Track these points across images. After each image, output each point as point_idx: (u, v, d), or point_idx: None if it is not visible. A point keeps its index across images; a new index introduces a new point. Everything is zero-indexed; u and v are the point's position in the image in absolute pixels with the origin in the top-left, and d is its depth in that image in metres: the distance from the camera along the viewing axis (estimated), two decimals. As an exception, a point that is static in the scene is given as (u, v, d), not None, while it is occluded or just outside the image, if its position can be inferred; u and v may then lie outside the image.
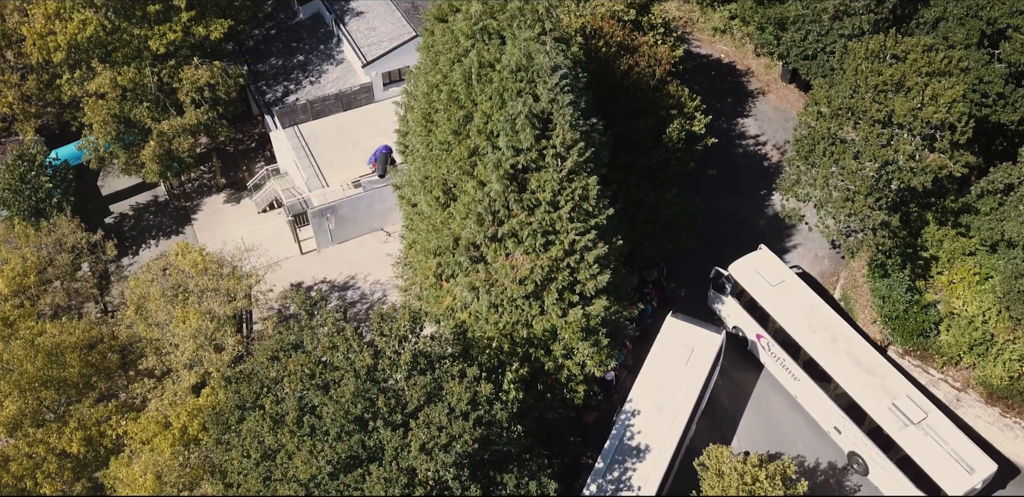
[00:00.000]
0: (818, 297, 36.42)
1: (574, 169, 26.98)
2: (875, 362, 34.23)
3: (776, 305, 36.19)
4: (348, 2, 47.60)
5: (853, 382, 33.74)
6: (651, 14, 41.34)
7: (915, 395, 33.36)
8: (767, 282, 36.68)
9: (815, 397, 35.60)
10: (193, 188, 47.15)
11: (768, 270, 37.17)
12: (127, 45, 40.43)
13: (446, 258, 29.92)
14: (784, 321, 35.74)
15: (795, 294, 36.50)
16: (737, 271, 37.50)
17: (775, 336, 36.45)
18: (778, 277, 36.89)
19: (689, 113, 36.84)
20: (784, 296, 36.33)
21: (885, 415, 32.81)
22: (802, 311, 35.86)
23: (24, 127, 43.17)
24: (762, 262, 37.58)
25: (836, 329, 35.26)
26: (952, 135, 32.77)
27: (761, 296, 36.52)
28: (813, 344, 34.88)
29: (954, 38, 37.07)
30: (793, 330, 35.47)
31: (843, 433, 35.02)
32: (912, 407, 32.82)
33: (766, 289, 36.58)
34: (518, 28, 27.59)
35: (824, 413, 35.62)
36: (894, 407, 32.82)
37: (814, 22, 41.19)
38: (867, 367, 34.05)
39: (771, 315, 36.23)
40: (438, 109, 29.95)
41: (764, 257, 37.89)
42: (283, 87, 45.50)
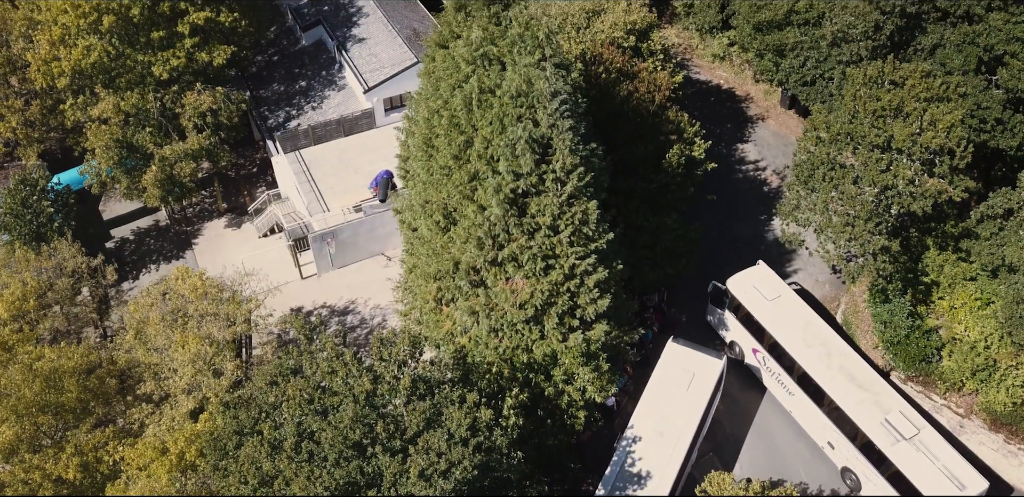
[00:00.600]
0: (814, 313, 36.55)
1: (574, 193, 27.03)
2: (869, 378, 34.27)
3: (772, 320, 36.34)
4: (350, 29, 48.06)
5: (846, 397, 33.73)
6: (651, 41, 41.67)
7: (908, 411, 33.31)
8: (763, 297, 36.92)
9: (809, 412, 35.62)
10: (194, 213, 47.25)
11: (765, 285, 37.40)
12: (131, 71, 40.76)
13: (446, 282, 29.89)
14: (779, 336, 35.89)
15: (791, 309, 36.64)
16: (734, 286, 37.73)
17: (770, 351, 36.60)
18: (775, 292, 37.11)
19: (689, 138, 37.00)
20: (780, 311, 36.50)
21: (877, 430, 32.77)
22: (797, 326, 35.98)
23: (27, 152, 43.40)
24: (759, 277, 37.79)
25: (831, 344, 35.35)
26: (951, 160, 32.86)
27: (757, 311, 36.70)
28: (808, 359, 34.98)
29: (951, 64, 37.32)
30: (788, 345, 35.59)
31: (836, 448, 35.00)
32: (904, 423, 32.75)
33: (762, 304, 36.80)
34: (518, 54, 27.82)
35: (818, 428, 35.60)
36: (886, 423, 32.78)
37: (812, 49, 41.51)
38: (861, 382, 34.07)
39: (766, 330, 36.36)
40: (439, 134, 30.11)
41: (761, 272, 38.12)
42: (285, 112, 45.79)
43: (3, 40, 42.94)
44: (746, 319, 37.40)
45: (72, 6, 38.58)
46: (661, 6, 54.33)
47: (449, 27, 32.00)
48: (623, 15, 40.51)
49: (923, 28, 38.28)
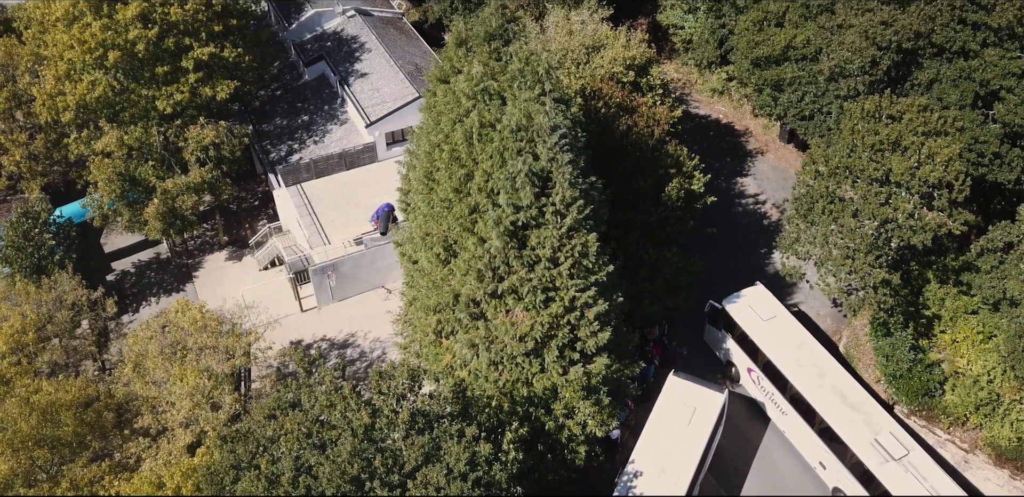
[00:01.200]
0: (808, 333, 36.85)
1: (574, 226, 27.09)
2: (860, 398, 34.43)
3: (766, 339, 36.69)
4: (353, 64, 48.61)
5: (837, 417, 33.87)
6: (650, 76, 42.10)
7: (898, 432, 33.35)
8: (759, 317, 37.33)
9: (801, 432, 35.75)
10: (195, 245, 47.34)
11: (761, 305, 37.84)
12: (135, 105, 41.18)
13: (446, 315, 29.83)
14: (773, 355, 36.19)
15: (786, 329, 37.00)
16: (731, 305, 38.13)
17: (764, 370, 36.83)
18: (770, 312, 37.55)
19: (688, 172, 37.19)
20: (774, 331, 36.88)
21: (867, 450, 32.83)
22: (791, 346, 36.28)
23: (30, 185, 43.66)
24: (756, 298, 38.24)
25: (823, 365, 35.59)
26: (950, 194, 32.99)
27: (752, 330, 37.07)
28: (800, 378, 35.20)
29: (948, 99, 37.64)
30: (781, 364, 35.84)
31: (827, 469, 34.98)
32: (894, 443, 32.83)
33: (758, 323, 37.18)
34: (518, 89, 28.09)
35: (809, 448, 35.75)
36: (876, 443, 32.86)
37: (810, 83, 41.92)
38: (852, 403, 34.24)
39: (760, 349, 36.62)
40: (440, 168, 30.29)
41: (758, 293, 38.58)
42: (287, 146, 46.12)
43: (9, 75, 43.44)
44: (741, 338, 37.75)
45: (78, 42, 39.09)
46: (660, 42, 54.98)
47: (450, 62, 32.34)
48: (622, 51, 40.97)
49: (919, 63, 38.67)
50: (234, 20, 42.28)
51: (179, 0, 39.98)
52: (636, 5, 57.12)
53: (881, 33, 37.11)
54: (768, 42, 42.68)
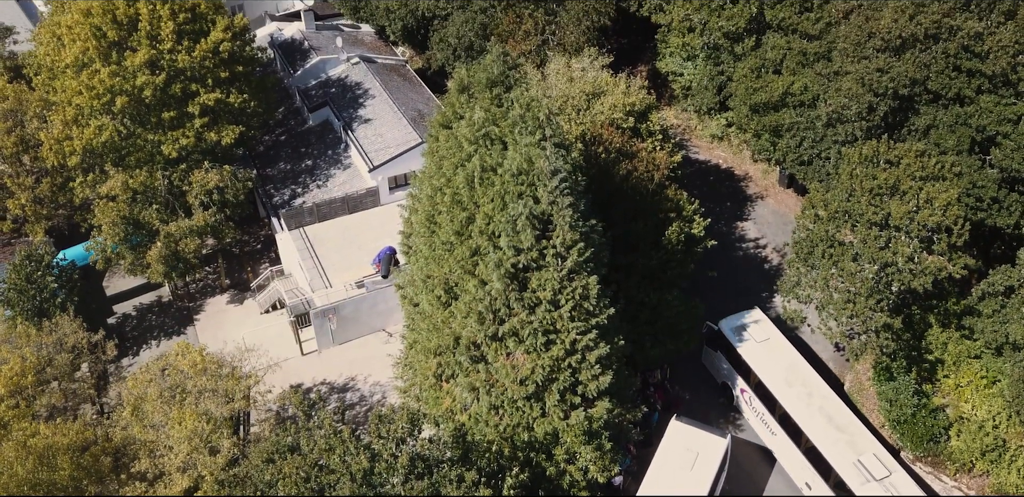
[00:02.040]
0: (800, 356, 37.55)
1: (574, 269, 27.21)
2: (846, 420, 34.98)
3: (758, 360, 37.51)
4: (356, 110, 49.30)
5: (823, 437, 34.45)
6: (649, 121, 42.60)
7: (882, 454, 33.80)
8: (753, 338, 38.24)
9: (789, 452, 36.32)
10: (197, 289, 47.42)
11: (756, 327, 38.76)
12: (140, 150, 41.68)
13: (446, 358, 29.77)
14: (764, 376, 36.90)
15: (778, 351, 37.82)
16: (727, 327, 38.98)
17: (756, 390, 37.50)
18: (764, 335, 38.42)
19: (688, 216, 37.40)
20: (767, 352, 37.72)
21: (849, 470, 33.30)
22: (782, 367, 37.03)
23: (35, 228, 43.94)
24: (752, 320, 39.20)
25: (812, 386, 36.24)
26: (949, 238, 33.11)
27: (746, 351, 37.92)
28: (788, 398, 35.89)
29: (945, 144, 38.01)
30: (771, 384, 36.54)
31: (812, 489, 35.31)
32: (876, 464, 33.32)
33: (751, 345, 38.07)
34: (519, 134, 28.47)
35: (796, 468, 36.25)
36: (859, 463, 33.34)
37: (808, 129, 42.40)
38: (838, 424, 34.80)
39: (753, 370, 37.33)
40: (441, 211, 30.55)
41: (754, 316, 39.48)
42: (290, 190, 46.51)
43: (18, 120, 44.05)
44: (735, 359, 38.45)
45: (87, 88, 39.76)
46: (659, 88, 55.77)
47: (452, 108, 32.83)
48: (622, 97, 41.54)
49: (916, 109, 39.15)
50: (240, 67, 43.02)
51: (187, 47, 40.75)
52: (636, 53, 58.14)
53: (877, 80, 37.67)
54: (766, 88, 43.30)
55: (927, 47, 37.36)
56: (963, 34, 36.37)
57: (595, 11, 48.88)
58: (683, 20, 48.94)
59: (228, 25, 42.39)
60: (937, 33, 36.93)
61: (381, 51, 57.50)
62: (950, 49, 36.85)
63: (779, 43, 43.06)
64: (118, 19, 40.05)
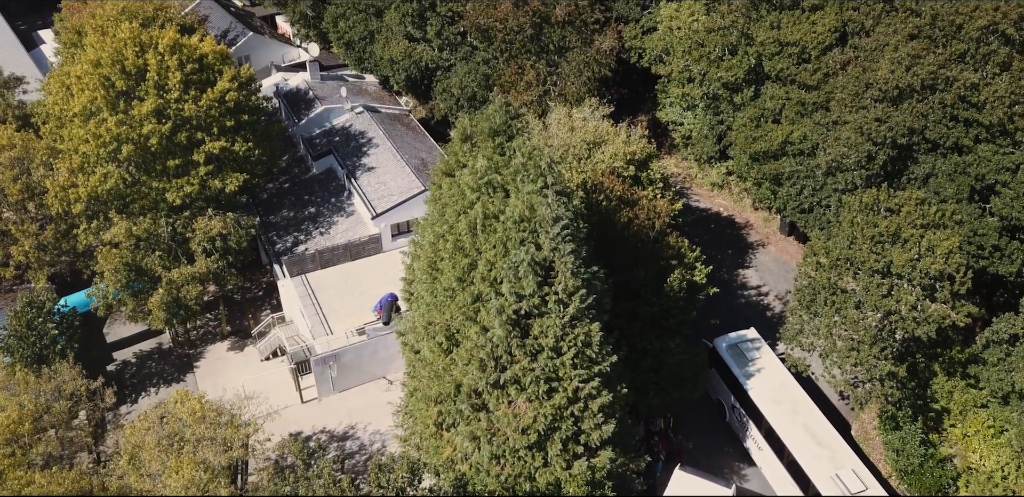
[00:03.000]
0: (790, 375, 38.67)
1: (576, 315, 27.17)
2: (829, 436, 36.20)
3: (749, 378, 38.96)
4: (360, 158, 49.78)
5: (804, 451, 35.69)
6: (650, 170, 42.95)
7: (860, 469, 34.94)
8: (746, 357, 39.81)
9: (773, 466, 37.57)
10: (198, 335, 47.25)
11: (750, 346, 40.43)
12: (145, 197, 41.98)
13: (447, 406, 29.50)
14: (753, 392, 38.32)
15: (769, 370, 39.29)
16: (721, 345, 40.48)
17: (744, 406, 38.88)
18: (757, 354, 39.98)
19: (689, 263, 37.46)
20: (758, 370, 39.21)
21: (826, 483, 34.48)
22: (771, 385, 38.44)
23: (37, 275, 43.97)
24: (747, 339, 40.90)
25: (799, 403, 37.56)
26: (952, 286, 33.10)
27: (738, 369, 39.42)
28: (775, 414, 37.18)
29: (945, 193, 38.26)
30: (759, 401, 37.90)
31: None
32: (853, 479, 34.46)
33: (744, 363, 39.65)
34: (521, 182, 28.69)
35: (779, 482, 37.38)
36: (836, 477, 34.48)
37: (808, 177, 42.72)
38: (820, 440, 36.09)
39: (742, 386, 38.71)
40: (443, 257, 30.61)
41: (750, 336, 41.18)
42: (293, 237, 46.69)
43: (24, 168, 44.45)
44: (728, 376, 39.75)
45: (94, 136, 40.22)
46: (660, 138, 56.37)
47: (455, 157, 33.15)
48: (623, 146, 41.96)
49: (915, 158, 39.52)
50: (246, 115, 43.56)
51: (194, 96, 41.34)
52: (636, 103, 58.92)
53: (876, 129, 38.10)
54: (766, 138, 43.76)
55: (924, 97, 37.88)
56: (959, 85, 36.91)
57: (596, 62, 49.70)
58: (682, 71, 49.73)
59: (235, 75, 43.07)
60: (934, 84, 37.48)
61: (385, 101, 58.29)
62: (947, 99, 37.36)
63: (778, 93, 43.66)
64: (127, 69, 40.70)
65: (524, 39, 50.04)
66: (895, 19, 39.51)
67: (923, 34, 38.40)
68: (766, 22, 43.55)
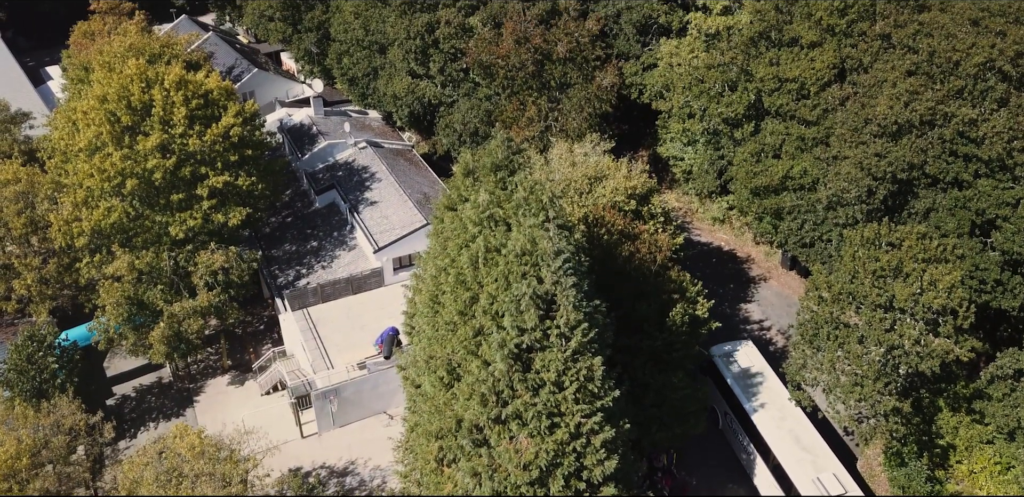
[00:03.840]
0: (781, 384, 39.97)
1: (578, 349, 27.04)
2: (814, 442, 37.47)
3: (741, 385, 40.31)
4: (363, 192, 50.04)
5: (788, 455, 36.98)
6: (651, 204, 43.12)
7: (841, 474, 36.14)
8: (739, 365, 41.30)
9: (759, 470, 38.80)
10: (198, 369, 47.07)
11: (743, 355, 41.90)
12: (148, 231, 42.11)
13: (448, 441, 29.24)
14: (743, 399, 39.67)
15: (760, 378, 40.76)
16: (717, 354, 41.84)
17: (735, 412, 40.25)
18: (750, 362, 41.47)
19: (691, 297, 37.43)
20: (750, 379, 40.63)
21: (807, 486, 35.75)
22: (761, 392, 39.77)
23: (39, 309, 43.94)
24: (741, 349, 42.37)
25: (787, 411, 38.71)
26: (955, 320, 33.00)
27: (731, 377, 40.75)
28: (762, 420, 38.59)
29: (946, 227, 38.33)
30: (749, 407, 39.29)
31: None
32: (833, 482, 35.74)
33: (737, 372, 41.01)
34: (523, 216, 28.76)
35: (765, 485, 38.59)
36: (817, 480, 35.74)
37: (809, 212, 42.85)
38: (805, 445, 37.37)
39: (734, 393, 40.12)
40: (445, 291, 30.58)
41: (744, 345, 42.73)
42: (295, 271, 46.74)
43: (29, 202, 44.69)
44: (721, 384, 40.99)
45: (98, 170, 40.48)
46: (661, 172, 56.71)
47: (458, 191, 33.30)
48: (624, 181, 42.18)
49: (915, 193, 39.66)
50: (249, 150, 43.88)
51: (198, 132, 41.70)
52: (637, 138, 59.37)
53: (876, 164, 38.32)
54: (766, 172, 43.98)
55: (923, 133, 38.15)
56: (958, 120, 37.19)
57: (597, 98, 50.21)
58: (683, 106, 50.20)
59: (239, 110, 43.49)
60: (932, 119, 37.77)
61: (388, 136, 58.78)
62: (946, 134, 37.61)
63: (778, 128, 43.99)
64: (133, 105, 41.13)
65: (526, 75, 50.61)
66: (893, 56, 39.95)
67: (921, 70, 38.80)
68: (765, 59, 44.05)
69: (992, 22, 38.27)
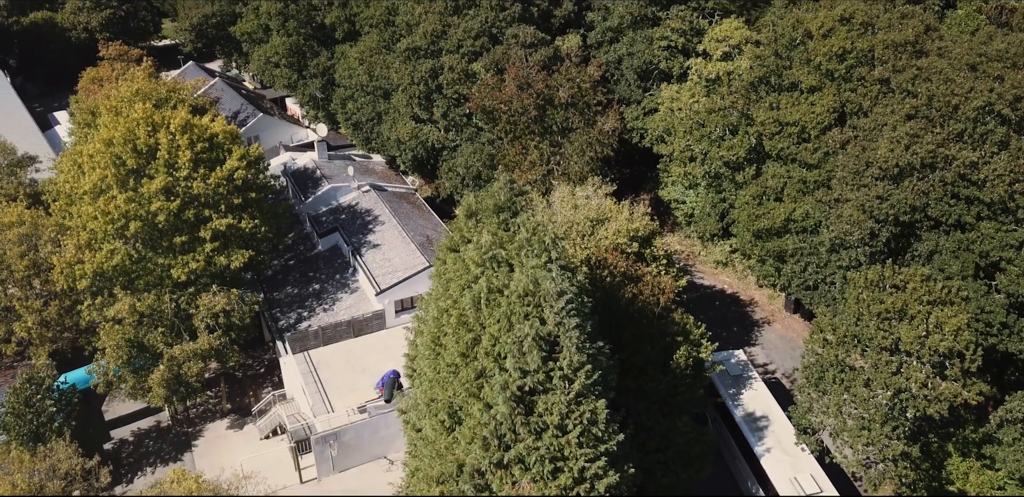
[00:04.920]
0: (767, 389, 42.28)
1: (582, 392, 26.74)
2: (793, 444, 38.52)
3: (728, 391, 42.08)
4: (366, 235, 50.10)
5: (769, 457, 38.43)
6: (653, 247, 43.09)
7: (818, 474, 37.38)
8: (728, 373, 43.01)
9: (743, 471, 40.18)
10: (197, 413, 46.55)
11: (733, 363, 43.82)
12: (150, 273, 42.05)
13: (449, 486, 28.72)
14: (730, 403, 41.40)
15: (747, 384, 42.60)
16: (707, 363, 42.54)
17: (722, 415, 41.66)
18: (739, 370, 43.46)
19: (695, 340, 37.15)
20: (738, 385, 42.49)
21: (785, 485, 37.08)
22: (748, 397, 41.48)
23: (38, 351, 43.66)
24: (732, 358, 44.33)
25: (772, 414, 40.47)
26: (962, 363, 32.67)
27: (721, 383, 42.54)
28: (747, 425, 40.09)
29: (950, 270, 38.23)
30: (735, 410, 40.90)
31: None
32: (809, 482, 37.06)
33: (726, 380, 42.74)
34: (526, 257, 28.71)
35: (746, 487, 39.95)
36: (794, 480, 37.13)
37: (812, 255, 42.79)
38: (785, 448, 38.64)
39: (723, 399, 41.67)
40: (447, 332, 30.36)
41: (735, 354, 44.72)
42: (296, 314, 46.54)
43: (32, 244, 44.75)
44: (712, 390, 42.22)
45: (102, 213, 40.58)
46: (663, 216, 56.84)
47: (460, 233, 33.31)
48: (626, 223, 42.21)
49: (918, 235, 39.66)
50: (253, 193, 44.07)
51: (203, 175, 41.92)
52: (638, 182, 59.68)
53: (878, 207, 38.40)
54: (768, 215, 44.06)
55: (924, 175, 38.31)
56: (959, 163, 37.38)
57: (598, 143, 50.57)
58: (684, 150, 50.52)
59: (244, 154, 43.79)
60: (933, 162, 37.96)
61: (391, 180, 59.11)
62: (947, 177, 37.75)
63: (779, 172, 44.20)
64: (138, 148, 41.44)
65: (528, 120, 51.08)
66: (892, 100, 40.33)
67: (920, 114, 39.13)
68: (765, 103, 44.48)
69: (990, 67, 38.73)
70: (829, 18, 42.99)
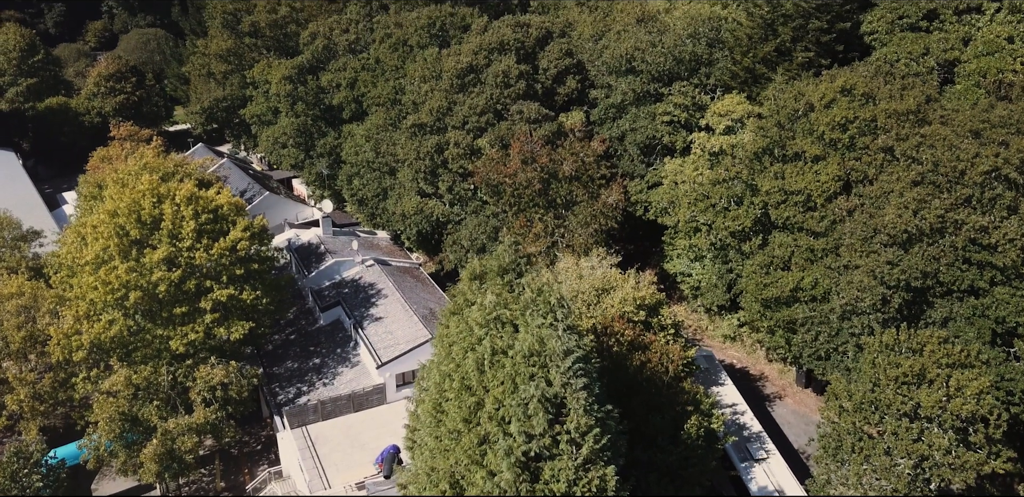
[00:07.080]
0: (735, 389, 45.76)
1: (590, 457, 25.49)
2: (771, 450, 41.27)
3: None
4: (368, 308, 49.42)
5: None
6: (661, 315, 42.27)
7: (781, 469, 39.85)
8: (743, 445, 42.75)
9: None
10: (190, 491, 44.76)
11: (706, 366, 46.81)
12: (148, 345, 41.22)
13: (451, 561, 27.12)
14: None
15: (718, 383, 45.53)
16: None
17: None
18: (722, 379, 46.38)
19: (706, 410, 35.89)
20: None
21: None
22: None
23: (29, 425, 42.38)
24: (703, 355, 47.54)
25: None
26: (986, 429, 31.34)
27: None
28: None
29: (966, 336, 37.22)
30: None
31: None
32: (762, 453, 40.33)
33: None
34: (531, 317, 27.96)
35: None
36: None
37: (823, 323, 41.86)
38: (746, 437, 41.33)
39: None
40: (449, 397, 29.28)
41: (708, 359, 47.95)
42: (296, 388, 45.39)
43: (30, 316, 44.12)
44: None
45: (102, 283, 40.10)
46: (669, 290, 56.15)
47: (464, 296, 32.65)
48: (632, 291, 41.54)
49: (930, 302, 38.83)
50: (256, 265, 43.66)
51: (205, 245, 41.62)
52: (643, 257, 59.23)
53: (888, 272, 37.76)
54: (776, 284, 43.38)
55: (934, 241, 37.83)
56: (968, 228, 36.95)
57: (602, 215, 50.45)
58: (689, 221, 50.30)
59: (247, 225, 43.63)
60: (942, 227, 37.55)
61: (395, 255, 58.86)
62: (958, 242, 37.25)
63: (786, 241, 43.79)
64: (142, 219, 41.34)
65: (532, 193, 51.16)
66: (897, 167, 40.28)
67: (927, 180, 38.96)
68: (770, 172, 44.49)
69: (994, 133, 38.83)
70: (830, 90, 43.48)
